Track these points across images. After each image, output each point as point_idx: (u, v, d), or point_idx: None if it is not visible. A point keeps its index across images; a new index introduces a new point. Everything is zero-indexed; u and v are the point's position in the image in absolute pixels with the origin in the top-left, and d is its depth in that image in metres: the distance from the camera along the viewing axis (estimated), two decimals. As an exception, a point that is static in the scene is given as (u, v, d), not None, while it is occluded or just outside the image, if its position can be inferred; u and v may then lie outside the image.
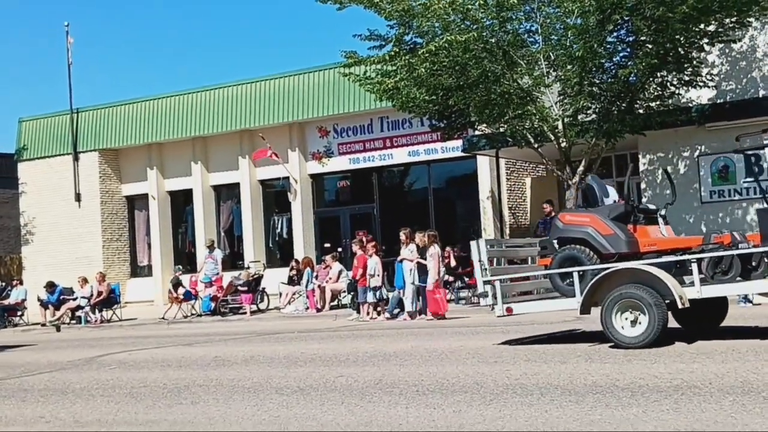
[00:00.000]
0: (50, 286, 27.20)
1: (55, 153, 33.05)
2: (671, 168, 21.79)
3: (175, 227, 32.37)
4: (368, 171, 28.56)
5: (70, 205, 32.55)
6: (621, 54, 20.02)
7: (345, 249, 27.30)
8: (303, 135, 29.34)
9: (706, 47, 19.93)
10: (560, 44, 19.47)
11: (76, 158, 32.49)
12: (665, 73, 19.80)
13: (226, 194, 31.28)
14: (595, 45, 18.63)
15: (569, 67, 19.12)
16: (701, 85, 20.29)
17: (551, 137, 20.00)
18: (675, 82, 20.06)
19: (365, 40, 20.83)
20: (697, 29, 18.97)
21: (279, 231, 30.17)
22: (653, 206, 12.80)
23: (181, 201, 32.18)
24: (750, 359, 9.59)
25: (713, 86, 20.85)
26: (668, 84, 20.06)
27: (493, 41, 19.36)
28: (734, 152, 20.31)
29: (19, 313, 27.78)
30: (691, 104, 21.29)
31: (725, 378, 8.47)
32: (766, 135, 12.96)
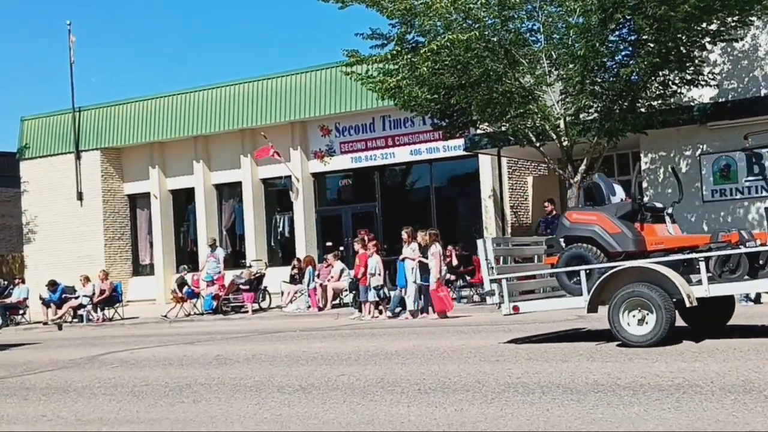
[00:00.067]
0: (52, 285, 27.21)
1: (57, 152, 33.07)
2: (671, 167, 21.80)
3: (177, 226, 32.37)
4: (370, 170, 28.55)
5: (72, 204, 32.56)
6: (623, 53, 20.01)
7: (347, 248, 27.31)
8: (305, 134, 29.34)
9: (708, 46, 19.91)
10: (562, 43, 19.46)
11: (78, 157, 32.51)
12: (667, 72, 19.79)
13: (228, 193, 31.28)
14: (597, 44, 18.62)
15: (571, 66, 19.11)
16: (703, 84, 20.28)
17: (553, 136, 20.01)
18: (677, 81, 20.05)
19: (367, 39, 20.84)
20: (699, 28, 18.96)
21: (281, 230, 30.17)
22: (660, 204, 12.73)
23: (183, 200, 32.18)
24: (751, 358, 9.59)
25: (715, 85, 20.83)
26: (670, 83, 20.05)
27: (495, 40, 19.35)
28: (741, 150, 20.34)
29: (21, 312, 27.80)
30: (693, 103, 21.27)
31: (727, 377, 8.47)
32: None
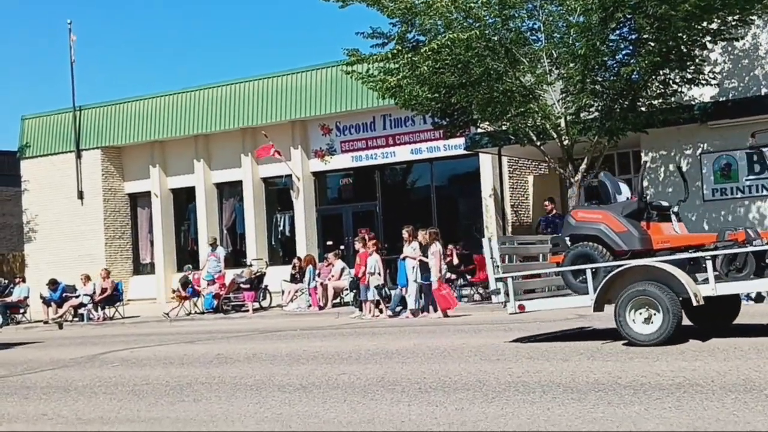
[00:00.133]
0: (53, 284, 27.21)
1: (58, 151, 33.06)
2: (673, 166, 21.77)
3: (178, 225, 32.38)
4: (371, 169, 28.54)
5: (73, 203, 32.56)
6: (623, 52, 20.00)
7: (347, 247, 27.31)
8: (305, 133, 29.33)
9: (709, 45, 19.90)
10: (563, 42, 19.45)
11: (79, 156, 32.51)
12: (668, 71, 19.78)
13: (229, 192, 31.28)
14: (598, 43, 18.62)
15: (572, 65, 19.11)
16: (704, 83, 20.27)
17: (554, 135, 20.00)
18: (677, 80, 20.04)
19: (368, 38, 20.84)
20: (700, 27, 18.95)
21: (281, 229, 30.16)
22: (666, 203, 12.69)
23: (184, 199, 32.18)
24: (752, 357, 9.59)
25: (716, 84, 20.82)
26: (671, 82, 20.04)
27: (496, 39, 19.35)
28: (749, 149, 20.30)
29: (22, 311, 27.79)
30: (694, 102, 21.26)
31: (727, 376, 8.47)
32: None
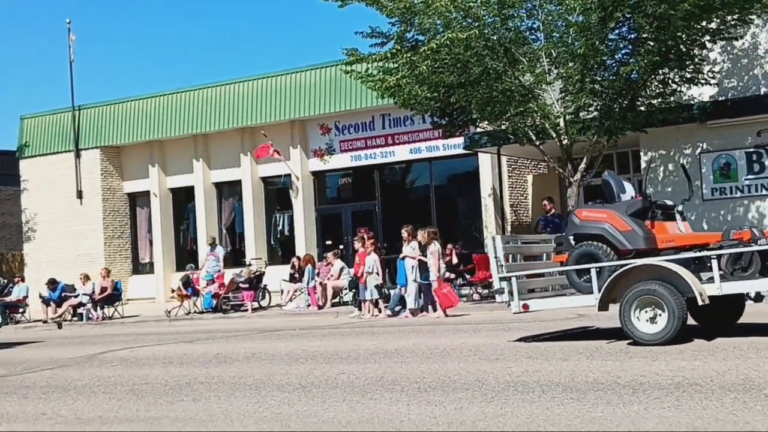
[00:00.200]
0: (52, 283, 27.21)
1: (57, 150, 33.06)
2: (672, 165, 21.79)
3: (177, 224, 32.37)
4: (370, 168, 28.54)
5: (72, 203, 32.56)
6: (623, 51, 20.00)
7: (346, 246, 27.32)
8: (304, 132, 29.33)
9: (708, 44, 19.91)
10: (562, 41, 19.45)
11: (78, 155, 32.51)
12: (667, 71, 19.79)
13: (228, 191, 31.28)
14: (597, 42, 18.62)
15: (571, 65, 19.10)
16: (703, 83, 20.27)
17: (553, 134, 20.00)
18: (677, 80, 20.04)
19: (367, 38, 20.84)
20: (699, 26, 18.95)
21: (280, 228, 30.16)
22: (670, 202, 12.65)
23: (183, 198, 32.18)
24: (751, 356, 9.59)
25: (715, 83, 20.82)
26: (670, 81, 20.04)
27: (495, 38, 19.35)
28: (755, 147, 20.35)
29: (21, 310, 27.79)
30: (693, 101, 21.26)
31: (726, 375, 8.47)
32: None
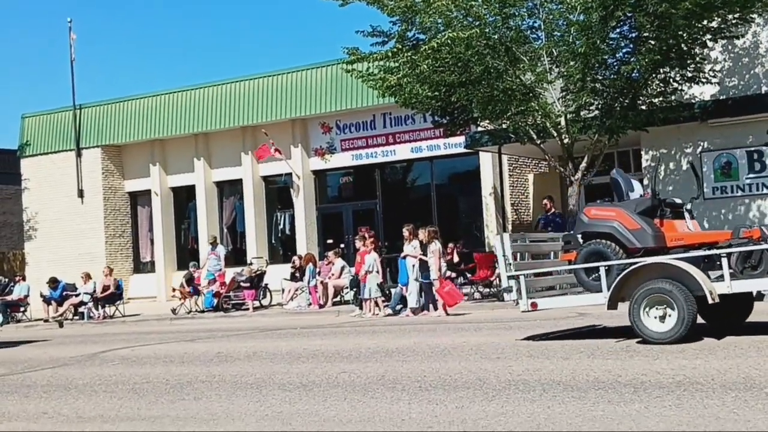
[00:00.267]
0: (53, 282, 27.19)
1: (58, 149, 33.04)
2: (674, 164, 21.78)
3: (178, 223, 32.36)
4: (371, 167, 28.53)
5: (73, 202, 32.55)
6: (624, 50, 19.99)
7: (347, 245, 27.31)
8: (305, 131, 29.32)
9: (709, 43, 19.89)
10: (563, 40, 19.44)
11: (79, 154, 32.50)
12: (668, 70, 19.78)
13: (229, 190, 31.27)
14: (598, 41, 18.61)
15: (572, 64, 19.09)
16: (704, 82, 20.26)
17: (554, 133, 19.99)
18: (678, 79, 20.03)
19: (368, 37, 20.82)
20: (700, 25, 18.95)
21: (282, 227, 30.16)
22: (679, 200, 12.64)
23: (184, 197, 32.17)
24: (752, 355, 9.59)
25: (716, 82, 20.81)
26: (671, 80, 20.03)
27: (496, 37, 19.34)
28: (765, 145, 20.35)
29: (22, 309, 27.77)
30: (694, 100, 21.25)
31: (727, 374, 8.47)
32: None
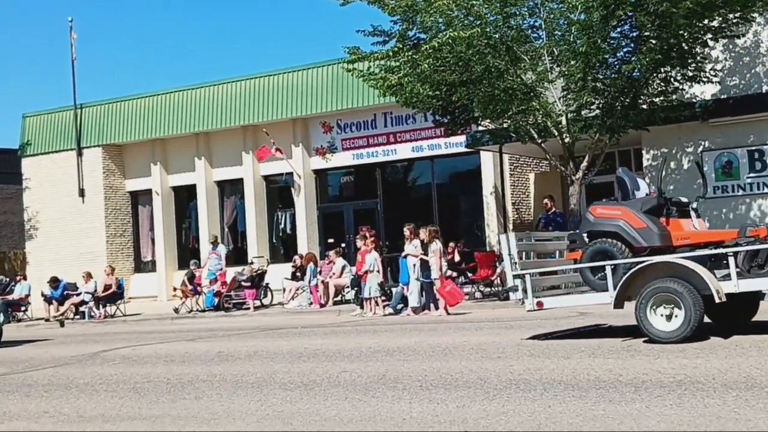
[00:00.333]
0: (54, 282, 27.20)
1: (59, 148, 33.03)
2: (675, 164, 21.77)
3: (179, 223, 32.37)
4: (372, 166, 28.52)
5: (74, 201, 32.56)
6: (624, 49, 19.98)
7: (348, 244, 27.32)
8: (306, 130, 29.32)
9: (710, 43, 19.88)
10: (564, 40, 19.44)
11: (80, 154, 32.51)
12: (669, 69, 19.77)
13: (230, 190, 31.27)
14: (599, 40, 18.61)
15: (573, 63, 19.10)
16: (705, 81, 20.26)
17: (555, 133, 20.00)
18: (678, 78, 20.03)
19: (369, 36, 20.83)
20: (701, 25, 18.95)
21: (282, 226, 30.15)
22: (685, 199, 12.62)
23: (185, 196, 32.17)
24: (753, 354, 9.59)
25: (717, 82, 20.80)
26: (672, 79, 20.03)
27: (497, 37, 19.34)
28: None
29: (23, 309, 27.77)
30: (695, 100, 21.25)
31: (728, 373, 8.47)
32: None
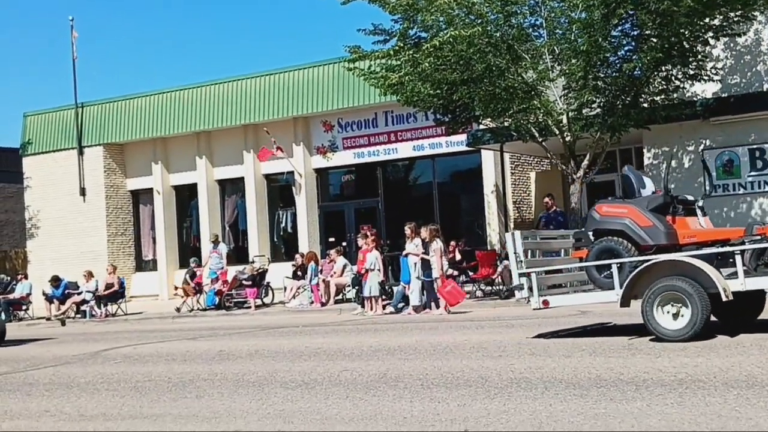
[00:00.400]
0: (55, 281, 27.22)
1: (60, 147, 33.05)
2: (675, 162, 21.76)
3: (180, 222, 32.38)
4: (373, 165, 28.52)
5: (75, 200, 32.57)
6: (626, 48, 19.98)
7: (349, 243, 27.32)
8: (307, 129, 29.32)
9: (711, 41, 19.88)
10: (565, 38, 19.44)
11: (81, 153, 32.52)
12: (670, 67, 19.77)
13: (231, 189, 31.27)
14: (600, 39, 18.60)
15: (574, 61, 19.09)
16: (706, 79, 20.26)
17: (556, 131, 19.99)
18: (680, 76, 20.02)
19: (369, 35, 20.83)
20: (702, 23, 18.94)
21: (283, 225, 30.16)
22: (691, 197, 12.61)
23: (186, 195, 32.17)
24: (754, 353, 9.59)
25: (718, 80, 20.81)
26: (673, 78, 20.02)
27: (498, 35, 19.34)
28: None
29: (24, 308, 27.81)
30: (696, 98, 21.25)
31: (729, 372, 8.47)
32: None
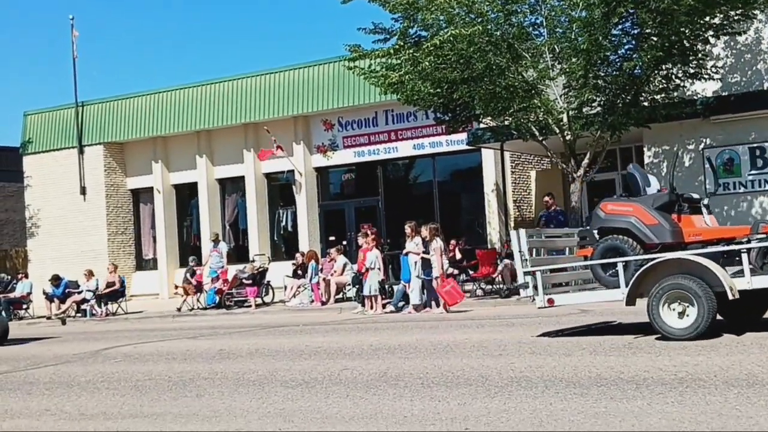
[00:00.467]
0: (55, 280, 27.22)
1: (60, 146, 33.04)
2: (677, 161, 21.74)
3: (180, 221, 32.37)
4: (373, 164, 28.51)
5: (76, 199, 32.57)
6: (626, 46, 19.99)
7: (350, 242, 27.32)
8: (308, 128, 29.32)
9: (711, 40, 19.88)
10: (565, 37, 19.44)
11: (81, 152, 32.51)
12: (670, 66, 19.77)
13: (231, 188, 31.26)
14: (600, 38, 18.60)
15: (574, 60, 19.09)
16: (706, 78, 20.25)
17: (556, 130, 19.98)
18: (680, 75, 20.02)
19: (370, 34, 20.82)
20: (702, 22, 18.94)
21: (284, 224, 30.16)
22: (697, 195, 12.57)
23: (186, 194, 32.17)
24: (755, 352, 9.59)
25: (718, 79, 20.80)
26: (673, 77, 20.02)
27: (498, 34, 19.33)
28: None
29: (25, 307, 27.83)
30: (696, 97, 21.25)
31: (730, 371, 8.47)
32: None
